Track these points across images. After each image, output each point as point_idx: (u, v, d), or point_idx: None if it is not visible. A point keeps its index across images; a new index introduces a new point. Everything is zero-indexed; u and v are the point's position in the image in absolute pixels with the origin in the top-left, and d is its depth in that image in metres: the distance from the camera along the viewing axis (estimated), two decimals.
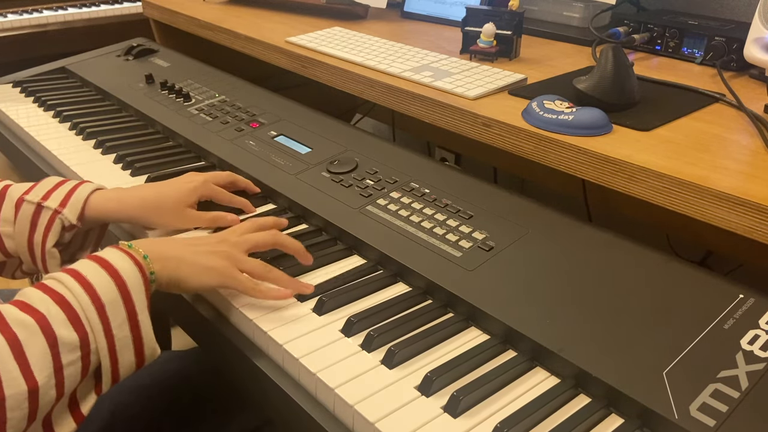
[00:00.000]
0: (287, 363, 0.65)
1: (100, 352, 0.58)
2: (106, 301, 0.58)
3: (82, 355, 0.56)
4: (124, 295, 0.59)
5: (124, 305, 0.59)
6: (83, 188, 0.80)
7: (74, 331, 0.56)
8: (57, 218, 0.77)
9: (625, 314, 0.65)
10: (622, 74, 0.88)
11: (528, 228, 0.78)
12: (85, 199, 0.79)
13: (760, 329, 0.62)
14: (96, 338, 0.57)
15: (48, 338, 0.54)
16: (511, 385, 0.62)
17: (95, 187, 0.82)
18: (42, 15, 2.01)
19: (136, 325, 0.60)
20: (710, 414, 0.54)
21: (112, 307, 0.58)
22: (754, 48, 0.98)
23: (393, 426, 0.56)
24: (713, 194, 0.69)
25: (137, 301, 0.60)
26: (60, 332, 0.55)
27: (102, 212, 0.80)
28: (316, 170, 0.94)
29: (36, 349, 0.53)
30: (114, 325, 0.58)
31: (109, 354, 0.58)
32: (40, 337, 0.54)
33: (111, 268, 0.60)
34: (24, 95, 1.34)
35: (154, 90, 1.27)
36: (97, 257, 0.61)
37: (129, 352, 0.60)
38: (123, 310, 0.59)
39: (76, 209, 0.78)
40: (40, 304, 0.56)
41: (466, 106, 0.91)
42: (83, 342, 0.56)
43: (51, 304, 0.56)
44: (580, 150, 0.80)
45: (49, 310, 0.55)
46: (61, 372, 0.54)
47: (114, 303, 0.58)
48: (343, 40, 1.21)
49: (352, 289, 0.73)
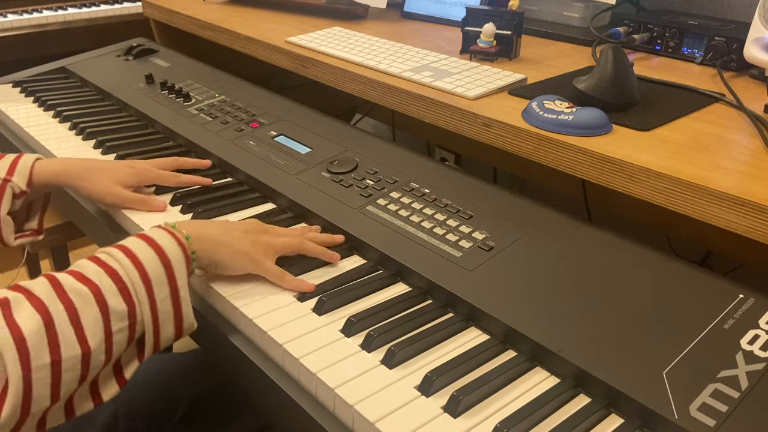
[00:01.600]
0: (287, 363, 0.65)
1: (145, 322, 0.62)
2: (153, 277, 0.63)
3: (130, 324, 0.61)
4: (168, 272, 0.64)
5: (168, 282, 0.64)
6: (27, 157, 0.87)
7: (124, 302, 0.60)
8: (7, 186, 0.83)
9: (625, 314, 0.65)
10: (622, 74, 0.88)
11: (528, 228, 0.78)
12: (31, 166, 0.86)
13: (760, 329, 0.62)
14: (142, 310, 0.62)
15: (101, 307, 0.59)
16: (511, 385, 0.62)
17: (37, 156, 0.89)
18: (42, 15, 2.01)
19: (178, 300, 0.64)
20: (710, 414, 0.54)
21: (158, 283, 0.63)
22: (754, 48, 0.98)
23: (393, 426, 0.56)
24: (713, 194, 0.69)
25: (179, 278, 0.65)
26: (111, 302, 0.59)
27: (46, 178, 0.87)
28: (316, 170, 0.94)
29: (90, 316, 0.58)
30: (158, 299, 0.63)
31: (152, 325, 0.63)
32: (93, 305, 0.58)
33: (157, 247, 0.64)
34: (24, 95, 1.34)
35: (154, 90, 1.27)
36: (144, 236, 0.66)
37: (170, 325, 0.64)
38: (167, 286, 0.64)
39: (24, 176, 0.85)
40: (94, 275, 0.60)
41: (466, 106, 0.91)
42: (131, 312, 0.61)
43: (104, 276, 0.61)
44: (580, 150, 0.80)
45: (102, 282, 0.60)
46: (110, 338, 0.59)
47: (159, 279, 0.63)
48: (343, 40, 1.21)
49: (352, 289, 0.73)
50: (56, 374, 0.55)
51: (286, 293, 0.73)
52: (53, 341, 0.55)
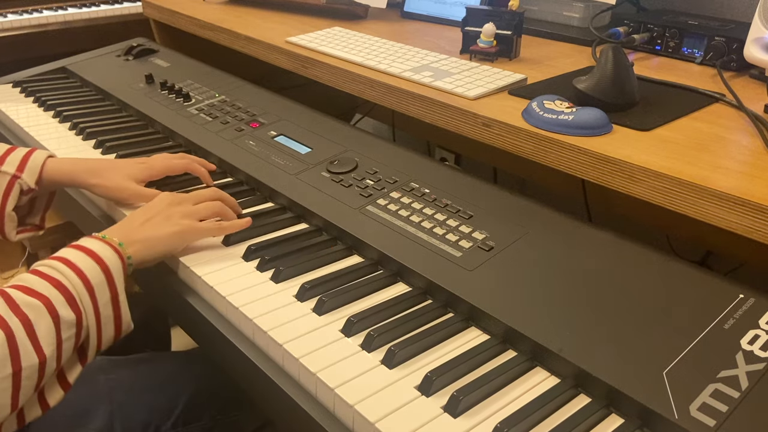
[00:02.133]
0: (287, 363, 0.65)
1: (90, 328, 0.65)
2: (95, 284, 0.65)
3: (77, 331, 0.64)
4: (108, 279, 0.67)
5: (108, 287, 0.67)
6: (38, 154, 0.88)
7: (72, 311, 0.63)
8: (16, 183, 0.85)
9: (625, 314, 0.65)
10: (622, 74, 0.88)
11: (528, 228, 0.78)
12: (42, 164, 0.87)
13: (760, 329, 0.62)
14: (87, 316, 0.65)
15: (53, 317, 0.61)
16: (511, 385, 0.62)
17: (49, 153, 0.89)
18: (42, 15, 2.01)
19: (117, 304, 0.68)
20: (710, 414, 0.54)
21: (99, 289, 0.66)
22: (754, 48, 0.98)
23: (393, 426, 0.56)
24: (713, 194, 0.69)
25: (118, 283, 0.68)
26: (62, 312, 0.62)
27: (57, 177, 0.88)
28: (316, 170, 0.94)
29: (43, 327, 0.60)
30: (101, 305, 0.66)
31: (96, 330, 0.66)
32: (46, 316, 0.61)
33: (95, 255, 0.67)
34: (24, 95, 1.34)
35: (154, 90, 1.27)
36: (80, 246, 0.68)
37: (111, 327, 0.67)
38: (107, 291, 0.66)
39: (34, 174, 0.86)
40: (41, 288, 0.62)
41: (466, 106, 0.91)
42: (78, 320, 0.64)
43: (51, 288, 0.63)
44: (580, 150, 0.80)
45: (51, 294, 0.62)
46: (60, 346, 0.62)
47: (100, 285, 0.66)
48: (343, 40, 1.21)
49: (352, 289, 0.73)
50: (17, 384, 0.58)
51: (286, 293, 0.73)
52: (15, 354, 0.58)
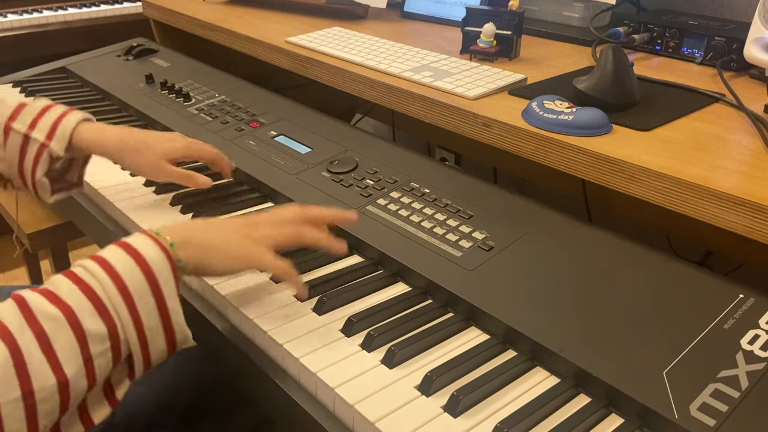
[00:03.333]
0: (287, 363, 0.65)
1: (130, 341, 0.57)
2: (134, 290, 0.57)
3: (112, 345, 0.56)
4: (152, 284, 0.58)
5: (153, 294, 0.58)
6: (69, 118, 0.85)
7: (102, 323, 0.55)
8: (45, 151, 0.82)
9: (625, 314, 0.65)
10: (622, 74, 0.88)
11: (528, 228, 0.78)
12: (72, 132, 0.84)
13: (760, 329, 0.62)
14: (125, 329, 0.57)
15: (76, 331, 0.54)
16: (511, 385, 0.62)
17: (81, 117, 0.86)
18: (42, 15, 2.01)
19: (166, 313, 0.59)
20: (710, 414, 0.54)
21: (140, 296, 0.58)
22: (754, 48, 0.98)
23: (393, 425, 0.57)
24: (713, 194, 0.69)
25: (166, 289, 0.59)
26: (87, 324, 0.54)
27: (86, 145, 0.86)
28: (316, 170, 0.94)
29: (64, 342, 0.53)
30: (143, 315, 0.58)
31: (139, 343, 0.58)
32: (67, 329, 0.53)
33: (138, 257, 0.59)
34: (24, 95, 1.34)
35: (154, 90, 1.27)
36: (125, 244, 0.60)
37: (160, 340, 0.59)
38: (152, 299, 0.58)
39: (63, 142, 0.83)
40: (67, 295, 0.55)
41: (466, 106, 0.91)
42: (112, 333, 0.56)
43: (79, 294, 0.55)
44: (580, 150, 0.80)
45: (77, 302, 0.55)
46: (91, 362, 0.54)
47: (141, 291, 0.58)
48: (343, 40, 1.21)
49: (352, 289, 0.73)
50: (30, 407, 0.51)
51: (286, 293, 0.73)
52: (23, 374, 0.50)
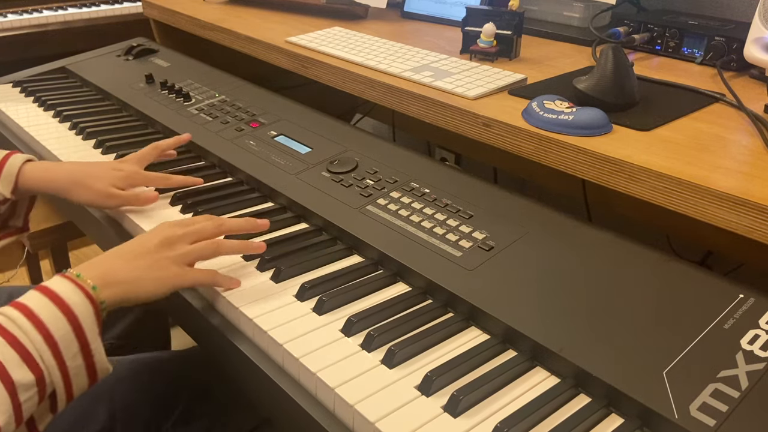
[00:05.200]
0: (287, 362, 0.65)
1: (55, 383, 0.59)
2: (59, 338, 0.58)
3: (39, 389, 0.57)
4: (75, 329, 0.59)
5: (77, 339, 0.59)
6: (14, 160, 0.85)
7: (29, 372, 0.56)
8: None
9: (625, 314, 0.65)
10: (622, 74, 0.88)
11: (528, 228, 0.78)
12: (18, 172, 0.84)
13: (760, 329, 0.62)
14: (51, 373, 0.58)
15: (5, 383, 0.55)
16: (511, 385, 0.62)
17: (25, 158, 0.86)
18: (42, 15, 2.01)
19: (89, 353, 0.60)
20: (710, 414, 0.54)
21: (65, 342, 0.58)
22: (754, 48, 0.98)
23: (393, 425, 0.56)
24: (713, 194, 0.69)
25: (89, 332, 0.60)
26: (16, 376, 0.55)
27: (32, 184, 0.86)
28: (316, 170, 0.94)
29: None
30: (67, 358, 0.59)
31: (63, 382, 0.59)
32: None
33: (61, 303, 0.59)
34: (24, 95, 1.34)
35: (154, 90, 1.27)
36: (47, 290, 0.61)
37: (82, 377, 0.61)
38: (75, 343, 0.59)
39: (9, 183, 0.84)
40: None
41: (466, 106, 0.91)
42: (39, 380, 0.57)
43: (5, 346, 0.56)
44: (580, 150, 0.80)
45: (4, 354, 0.56)
46: (19, 409, 0.55)
47: (66, 338, 0.59)
48: (343, 40, 1.21)
49: (352, 289, 0.73)
50: None
51: (286, 293, 0.73)
52: None
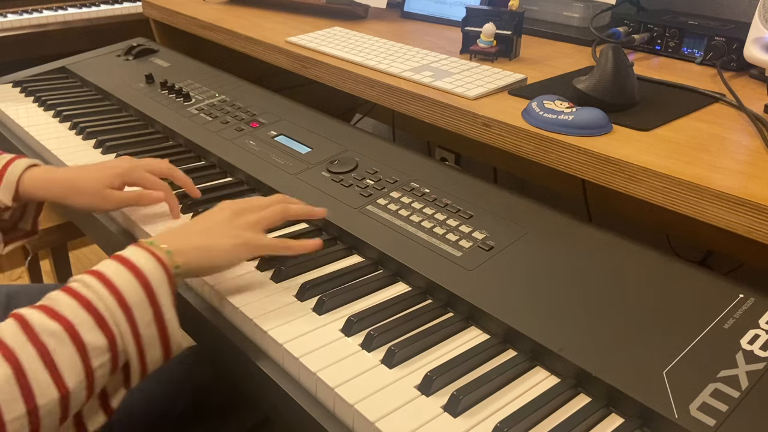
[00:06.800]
0: (287, 362, 0.65)
1: (129, 351, 0.58)
2: (133, 304, 0.58)
3: (111, 356, 0.57)
4: (149, 295, 0.59)
5: (150, 305, 0.59)
6: (14, 167, 0.84)
7: (102, 335, 0.56)
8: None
9: (625, 314, 0.65)
10: (622, 74, 0.88)
11: (528, 228, 0.78)
12: (18, 179, 0.83)
13: (760, 329, 0.62)
14: (124, 339, 0.58)
15: (77, 345, 0.54)
16: (511, 385, 0.62)
17: (27, 164, 0.85)
18: (42, 15, 2.01)
19: (162, 323, 0.60)
20: (710, 413, 0.54)
21: (139, 309, 0.58)
22: (754, 48, 0.98)
23: (393, 425, 0.56)
24: (713, 194, 0.69)
25: (162, 299, 0.60)
26: (88, 338, 0.55)
27: (33, 192, 0.84)
28: (316, 170, 0.94)
29: (66, 356, 0.54)
30: (141, 325, 0.58)
31: (137, 352, 0.59)
32: (69, 344, 0.54)
33: (135, 269, 0.60)
34: (24, 95, 1.34)
35: (154, 90, 1.27)
36: (121, 257, 0.61)
37: (156, 349, 0.60)
38: (150, 310, 0.59)
39: (10, 190, 0.82)
40: (67, 310, 0.56)
41: (466, 106, 0.91)
42: (111, 344, 0.57)
43: (78, 309, 0.56)
44: (580, 150, 0.80)
45: (77, 316, 0.56)
46: (91, 375, 0.55)
47: (140, 304, 0.59)
48: (343, 40, 1.21)
49: (352, 289, 0.73)
50: (34, 422, 0.52)
51: (286, 293, 0.73)
52: (26, 390, 0.51)
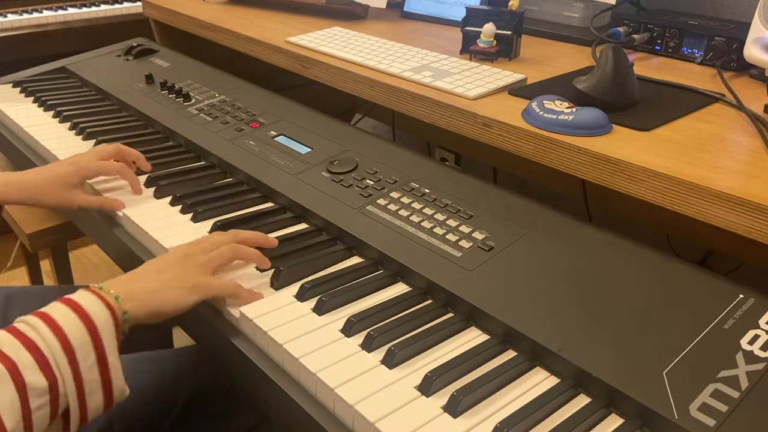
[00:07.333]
0: (287, 363, 0.65)
1: (69, 395, 0.58)
2: (76, 345, 0.58)
3: (51, 398, 0.56)
4: (94, 339, 0.59)
5: (95, 348, 0.59)
6: None
7: (43, 377, 0.56)
8: None
9: (625, 314, 0.65)
10: (622, 74, 0.88)
11: (528, 228, 0.78)
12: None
13: (760, 329, 0.62)
14: (65, 382, 0.57)
15: (17, 385, 0.54)
16: (511, 385, 0.62)
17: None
18: (42, 15, 2.01)
19: (106, 367, 0.60)
20: (710, 414, 0.54)
21: (82, 351, 0.58)
22: (754, 48, 0.98)
23: (393, 426, 0.56)
24: (713, 194, 0.69)
25: (107, 343, 0.60)
26: (29, 378, 0.55)
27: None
28: (316, 170, 0.94)
29: (5, 395, 0.53)
30: (83, 369, 0.58)
31: (77, 396, 0.58)
32: (9, 383, 0.54)
33: (82, 312, 0.60)
34: (24, 95, 1.34)
35: (154, 90, 1.27)
36: (69, 300, 0.61)
37: (98, 395, 0.60)
38: (93, 353, 0.59)
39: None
40: (10, 349, 0.56)
41: (466, 106, 0.91)
42: (52, 387, 0.56)
43: (21, 349, 0.56)
44: (580, 150, 0.80)
45: (19, 356, 0.55)
46: (29, 416, 0.55)
47: (84, 347, 0.58)
48: (343, 40, 1.21)
49: (352, 289, 0.73)
50: None
51: (286, 293, 0.73)
52: None
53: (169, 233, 0.85)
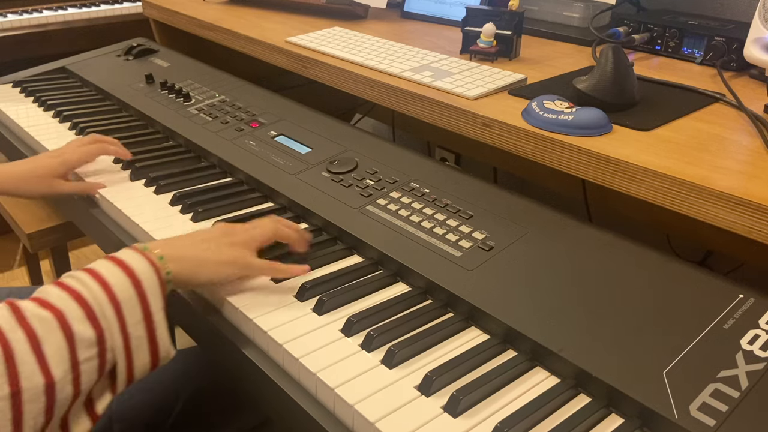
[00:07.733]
0: (287, 363, 0.65)
1: (116, 350, 0.58)
2: (122, 299, 0.58)
3: (99, 351, 0.56)
4: (139, 295, 0.60)
5: (140, 304, 0.59)
6: None
7: (91, 327, 0.56)
8: None
9: (625, 314, 0.65)
10: (622, 74, 0.88)
11: (528, 228, 0.78)
12: None
13: (760, 329, 0.62)
14: (112, 335, 0.57)
15: (65, 333, 0.54)
16: (511, 385, 0.62)
17: None
18: (42, 15, 2.01)
19: (151, 324, 0.60)
20: (710, 414, 0.54)
21: (128, 306, 0.58)
22: (754, 48, 0.98)
23: (393, 426, 0.56)
24: (713, 194, 0.69)
25: (152, 300, 0.60)
26: (77, 328, 0.55)
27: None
28: (316, 170, 0.94)
29: (53, 344, 0.53)
30: (129, 323, 0.58)
31: (124, 353, 0.58)
32: (57, 332, 0.54)
33: (127, 268, 0.60)
34: (24, 95, 1.34)
35: (154, 90, 1.27)
36: (114, 258, 0.62)
37: (144, 352, 0.60)
38: (139, 309, 0.59)
39: None
40: (57, 300, 0.56)
41: (466, 106, 0.91)
42: (100, 338, 0.56)
43: (68, 300, 0.56)
44: (580, 150, 0.80)
45: (66, 306, 0.56)
46: (77, 367, 0.55)
47: (130, 301, 0.59)
48: (343, 40, 1.21)
49: (352, 289, 0.73)
50: (16, 407, 0.51)
51: (286, 293, 0.73)
52: (12, 372, 0.51)
53: (169, 233, 0.85)
